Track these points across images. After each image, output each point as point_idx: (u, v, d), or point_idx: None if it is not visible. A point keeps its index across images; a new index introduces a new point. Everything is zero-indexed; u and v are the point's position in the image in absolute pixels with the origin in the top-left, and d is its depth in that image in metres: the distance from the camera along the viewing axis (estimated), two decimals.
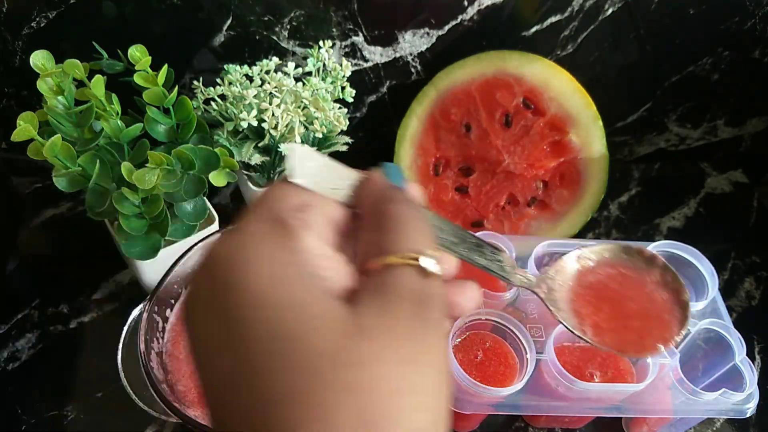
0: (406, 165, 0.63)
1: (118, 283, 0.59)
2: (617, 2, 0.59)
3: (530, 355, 0.45)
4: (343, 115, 0.55)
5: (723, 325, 0.47)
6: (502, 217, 0.62)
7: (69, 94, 0.45)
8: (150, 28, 0.57)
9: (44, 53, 0.44)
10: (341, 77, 0.55)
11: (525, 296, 0.50)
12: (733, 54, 0.65)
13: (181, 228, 0.50)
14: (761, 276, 0.65)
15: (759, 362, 0.57)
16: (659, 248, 0.53)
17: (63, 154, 0.43)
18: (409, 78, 0.64)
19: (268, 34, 0.59)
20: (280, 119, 0.51)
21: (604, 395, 0.44)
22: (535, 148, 0.61)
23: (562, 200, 0.61)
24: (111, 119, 0.46)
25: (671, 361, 0.45)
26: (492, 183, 0.62)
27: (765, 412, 0.51)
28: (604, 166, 0.60)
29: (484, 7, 0.59)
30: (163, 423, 0.49)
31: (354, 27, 0.59)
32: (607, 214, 0.71)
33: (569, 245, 0.53)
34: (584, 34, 0.62)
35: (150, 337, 0.43)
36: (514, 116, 0.61)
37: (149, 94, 0.47)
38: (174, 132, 0.51)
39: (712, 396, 0.44)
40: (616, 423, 0.52)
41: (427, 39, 0.61)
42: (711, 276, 0.50)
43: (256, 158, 0.54)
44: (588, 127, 0.59)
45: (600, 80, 0.65)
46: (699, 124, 0.73)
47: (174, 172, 0.45)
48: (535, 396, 0.44)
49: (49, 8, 0.55)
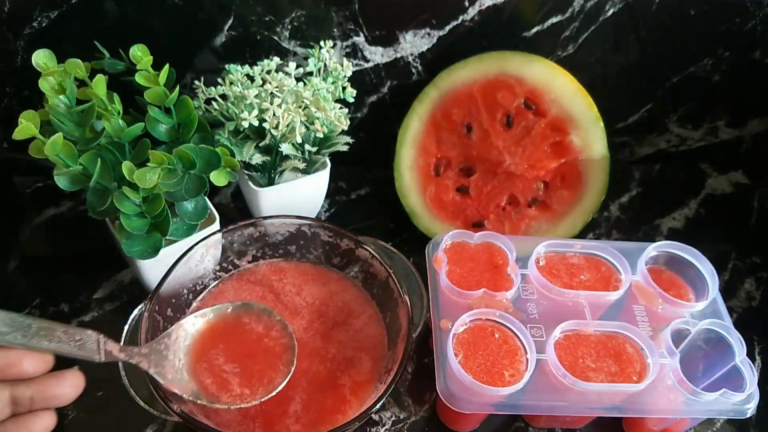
0: (407, 165, 0.63)
1: (118, 283, 0.59)
2: (618, 3, 0.59)
3: (530, 355, 0.45)
4: (344, 115, 0.55)
5: (723, 325, 0.47)
6: (502, 218, 0.62)
7: (70, 93, 0.45)
8: (151, 27, 0.58)
9: (46, 52, 0.44)
10: (342, 77, 0.55)
11: (525, 296, 0.50)
12: (733, 55, 0.65)
13: (182, 227, 0.51)
14: (761, 277, 0.65)
15: (759, 363, 0.57)
16: (659, 248, 0.53)
17: (64, 153, 0.43)
18: (410, 78, 0.64)
19: (270, 34, 0.59)
20: (281, 119, 0.51)
21: (605, 395, 0.44)
22: (536, 149, 0.61)
23: (562, 201, 0.61)
24: (112, 118, 0.46)
25: (671, 362, 0.45)
26: (493, 183, 0.62)
27: (765, 413, 0.51)
28: (605, 166, 0.60)
29: (485, 7, 0.59)
30: (163, 422, 0.49)
31: (355, 27, 0.59)
32: (607, 215, 0.71)
33: (569, 245, 0.53)
34: (585, 34, 0.62)
35: (151, 337, 0.43)
36: (515, 117, 0.61)
37: (151, 94, 0.47)
38: (175, 131, 0.51)
39: (712, 396, 0.44)
40: (616, 423, 0.52)
41: (428, 39, 0.61)
42: (711, 276, 0.50)
43: (257, 158, 0.54)
44: (589, 128, 0.60)
45: (600, 81, 0.65)
46: (700, 124, 0.73)
47: (175, 171, 0.45)
48: (536, 396, 0.44)
49: (50, 8, 0.55)
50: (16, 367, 0.31)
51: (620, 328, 0.47)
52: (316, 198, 0.63)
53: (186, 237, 0.51)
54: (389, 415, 0.51)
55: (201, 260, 0.50)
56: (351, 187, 0.71)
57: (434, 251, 0.51)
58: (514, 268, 0.50)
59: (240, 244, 0.52)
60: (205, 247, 0.50)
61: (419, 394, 0.53)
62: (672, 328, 0.47)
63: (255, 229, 0.52)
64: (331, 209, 0.69)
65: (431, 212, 0.63)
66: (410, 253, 0.56)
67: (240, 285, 0.53)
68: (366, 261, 0.51)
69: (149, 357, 0.40)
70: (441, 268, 0.50)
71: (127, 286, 0.58)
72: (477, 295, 0.48)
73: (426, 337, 0.55)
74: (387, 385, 0.42)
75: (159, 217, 0.47)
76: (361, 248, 0.51)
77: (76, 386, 0.32)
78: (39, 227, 0.64)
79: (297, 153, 0.55)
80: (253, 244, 0.53)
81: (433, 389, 0.49)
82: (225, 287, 0.53)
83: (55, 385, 0.31)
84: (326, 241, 0.53)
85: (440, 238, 0.52)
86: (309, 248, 0.54)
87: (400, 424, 0.51)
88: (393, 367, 0.44)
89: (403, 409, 0.52)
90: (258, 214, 0.59)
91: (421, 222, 0.63)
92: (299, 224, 0.53)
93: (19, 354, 0.31)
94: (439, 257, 0.50)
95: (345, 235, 0.52)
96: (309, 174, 0.59)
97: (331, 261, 0.54)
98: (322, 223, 0.53)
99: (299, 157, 0.56)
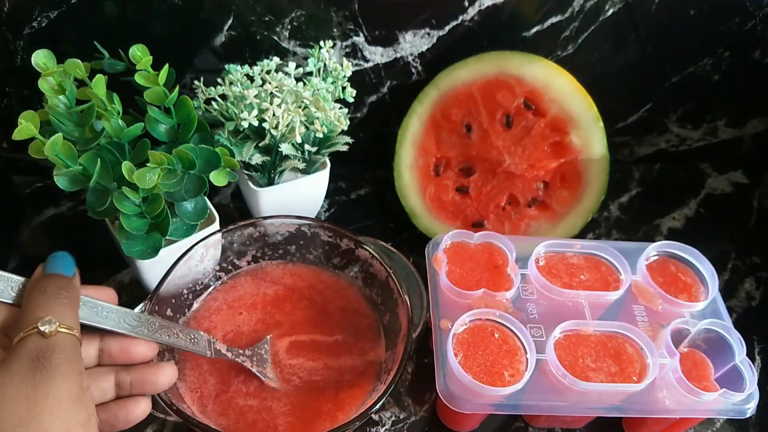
0: (406, 165, 0.63)
1: (118, 283, 0.59)
2: (618, 3, 0.59)
3: (530, 355, 0.45)
4: (344, 115, 0.55)
5: (723, 325, 0.47)
6: (502, 218, 0.62)
7: (70, 93, 0.45)
8: (151, 27, 0.58)
9: (45, 52, 0.44)
10: (342, 77, 0.55)
11: (525, 296, 0.50)
12: (733, 55, 0.65)
13: (182, 227, 0.51)
14: (761, 277, 0.65)
15: (759, 362, 0.57)
16: (659, 249, 0.53)
17: (64, 153, 0.43)
18: (410, 78, 0.64)
19: (269, 34, 0.59)
20: (281, 119, 0.51)
21: (605, 395, 0.44)
22: (536, 149, 0.61)
23: (562, 201, 0.61)
24: (112, 119, 0.46)
25: (671, 362, 0.45)
26: (492, 183, 0.62)
27: (765, 413, 0.51)
28: (605, 166, 0.60)
29: (484, 7, 0.59)
30: (163, 422, 0.49)
31: (355, 27, 0.59)
32: (607, 215, 0.71)
33: (569, 245, 0.53)
34: (585, 34, 0.62)
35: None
36: (515, 117, 0.61)
37: (150, 94, 0.47)
38: (175, 131, 0.51)
39: (712, 396, 0.44)
40: (616, 423, 0.52)
41: (428, 39, 0.61)
42: (711, 276, 0.50)
43: (257, 158, 0.54)
44: (589, 128, 0.60)
45: (600, 81, 0.65)
46: (699, 124, 0.73)
47: (175, 171, 0.45)
48: (535, 396, 0.44)
49: (50, 8, 0.55)
50: (127, 353, 0.36)
51: (620, 328, 0.47)
52: (316, 198, 0.63)
53: (186, 237, 0.51)
54: (389, 415, 0.52)
55: (201, 260, 0.50)
56: (351, 187, 0.71)
57: (434, 251, 0.51)
58: (514, 268, 0.50)
59: (240, 244, 0.52)
60: (204, 247, 0.50)
61: (419, 394, 0.53)
62: (672, 328, 0.47)
63: (255, 229, 0.52)
64: (331, 209, 0.69)
65: (431, 212, 0.63)
66: (410, 253, 0.56)
67: (241, 285, 0.53)
68: (366, 261, 0.51)
69: (252, 358, 0.46)
70: (441, 268, 0.50)
71: (127, 286, 0.59)
72: (477, 295, 0.48)
73: (426, 337, 0.55)
74: (387, 385, 0.42)
75: (159, 217, 0.47)
76: (361, 248, 0.51)
77: (171, 376, 0.37)
78: (39, 227, 0.64)
79: (297, 153, 0.55)
80: (253, 244, 0.53)
81: (433, 389, 0.49)
82: (226, 287, 0.53)
83: (152, 374, 0.36)
84: (326, 241, 0.53)
85: (440, 238, 0.52)
86: (309, 248, 0.54)
87: (400, 424, 0.51)
88: (393, 367, 0.44)
89: (403, 409, 0.52)
90: (258, 214, 0.59)
91: (420, 222, 0.63)
92: (299, 224, 0.53)
93: (130, 342, 0.36)
94: (438, 257, 0.50)
95: (345, 235, 0.52)
96: (309, 174, 0.59)
97: (331, 261, 0.54)
98: (321, 223, 0.53)
99: (299, 157, 0.56)
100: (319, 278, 0.54)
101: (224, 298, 0.52)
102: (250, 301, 0.52)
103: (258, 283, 0.53)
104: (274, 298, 0.52)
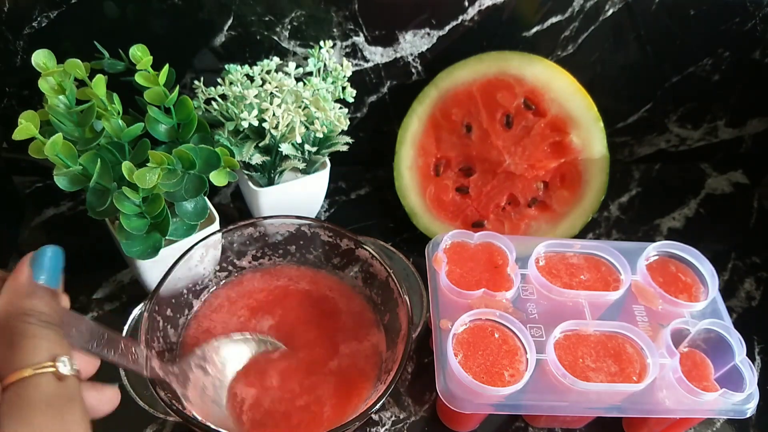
0: (406, 165, 0.63)
1: (118, 283, 0.59)
2: (618, 3, 0.59)
3: (530, 355, 0.45)
4: (344, 115, 0.55)
5: (723, 325, 0.47)
6: (502, 218, 0.62)
7: (70, 93, 0.45)
8: (151, 27, 0.57)
9: (45, 52, 0.44)
10: (342, 77, 0.55)
11: (525, 296, 0.50)
12: (733, 55, 0.65)
13: (182, 227, 0.51)
14: (761, 276, 0.65)
15: (759, 362, 0.57)
16: (659, 248, 0.53)
17: (64, 153, 0.43)
18: (410, 78, 0.64)
19: (269, 34, 0.59)
20: (281, 119, 0.51)
21: (605, 395, 0.44)
22: (536, 149, 0.61)
23: (562, 201, 0.61)
24: (112, 119, 0.46)
25: (671, 362, 0.45)
26: (492, 183, 0.62)
27: (765, 413, 0.51)
28: (605, 166, 0.60)
29: (484, 7, 0.59)
30: (163, 422, 0.49)
31: (355, 27, 0.59)
32: (607, 215, 0.71)
33: (569, 245, 0.53)
34: (585, 34, 0.62)
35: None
36: (515, 117, 0.61)
37: (150, 94, 0.47)
38: (175, 131, 0.51)
39: (712, 396, 0.44)
40: (616, 423, 0.52)
41: (428, 39, 0.61)
42: (711, 276, 0.50)
43: (257, 158, 0.54)
44: (589, 127, 0.60)
45: (600, 81, 0.65)
46: (699, 124, 0.73)
47: (175, 171, 0.45)
48: (536, 396, 0.44)
49: (50, 8, 0.55)
50: None
51: (620, 328, 0.47)
52: (316, 198, 0.63)
53: (186, 237, 0.51)
54: (389, 415, 0.52)
55: (201, 260, 0.50)
56: (351, 187, 0.71)
57: (434, 251, 0.51)
58: (514, 268, 0.50)
59: (240, 244, 0.52)
60: (204, 247, 0.50)
61: (419, 394, 0.53)
62: (672, 327, 0.47)
63: (255, 229, 0.52)
64: (331, 209, 0.69)
65: (431, 212, 0.63)
66: (410, 253, 0.56)
67: (241, 285, 0.53)
68: (366, 261, 0.51)
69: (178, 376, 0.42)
70: (441, 268, 0.50)
71: (126, 286, 0.58)
72: (477, 295, 0.48)
73: (426, 337, 0.55)
74: (387, 385, 0.42)
75: (159, 217, 0.47)
76: (361, 248, 0.51)
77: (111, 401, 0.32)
78: (39, 227, 0.64)
79: (297, 153, 0.55)
80: (253, 244, 0.53)
81: (433, 389, 0.49)
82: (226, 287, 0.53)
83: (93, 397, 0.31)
84: (326, 241, 0.53)
85: (440, 238, 0.52)
86: (309, 248, 0.54)
87: (400, 424, 0.51)
88: (393, 367, 0.44)
89: (403, 409, 0.52)
90: (258, 214, 0.59)
91: (420, 222, 0.63)
92: (299, 224, 0.53)
93: None
94: (438, 257, 0.50)
95: (345, 235, 0.52)
96: (309, 174, 0.59)
97: (331, 261, 0.54)
98: (321, 223, 0.53)
99: (299, 157, 0.56)
100: (319, 278, 0.54)
101: (224, 297, 0.52)
102: (251, 301, 0.52)
103: (258, 283, 0.53)
104: (274, 298, 0.52)
